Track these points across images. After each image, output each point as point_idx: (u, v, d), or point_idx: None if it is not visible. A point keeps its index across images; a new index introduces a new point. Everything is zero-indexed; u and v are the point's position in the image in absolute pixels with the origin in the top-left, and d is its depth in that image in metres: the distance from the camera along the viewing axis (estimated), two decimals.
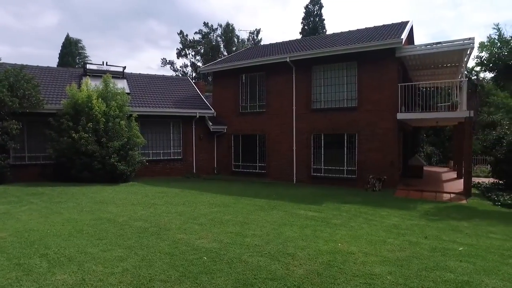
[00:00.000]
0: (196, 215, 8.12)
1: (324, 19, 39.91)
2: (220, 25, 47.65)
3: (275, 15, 73.48)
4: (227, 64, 18.00)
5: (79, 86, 14.51)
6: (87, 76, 14.89)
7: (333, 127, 14.97)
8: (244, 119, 17.63)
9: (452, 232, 7.15)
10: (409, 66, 16.65)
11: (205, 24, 47.98)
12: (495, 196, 11.53)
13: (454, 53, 13.68)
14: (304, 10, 40.40)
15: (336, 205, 9.95)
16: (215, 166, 18.65)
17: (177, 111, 17.15)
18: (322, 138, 15.40)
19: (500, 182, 13.86)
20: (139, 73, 20.17)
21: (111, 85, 14.53)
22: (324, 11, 61.98)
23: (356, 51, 13.90)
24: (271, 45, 20.92)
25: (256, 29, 47.32)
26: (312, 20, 39.93)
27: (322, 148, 15.41)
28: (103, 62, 18.54)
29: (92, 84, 14.37)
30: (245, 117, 17.63)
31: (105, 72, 16.30)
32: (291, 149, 16.07)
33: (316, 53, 14.82)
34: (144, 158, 15.21)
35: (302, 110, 15.78)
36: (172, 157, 17.63)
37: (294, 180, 15.96)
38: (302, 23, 40.61)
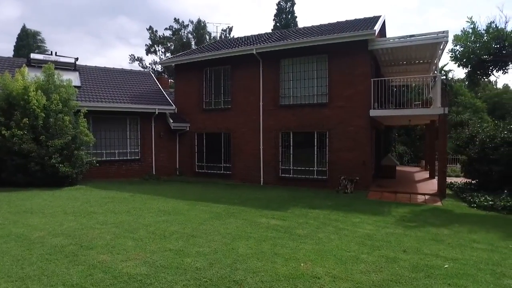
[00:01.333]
0: (136, 227, 6.76)
1: (296, 17, 39.11)
2: (192, 22, 45.97)
3: (248, 13, 72.41)
4: (190, 56, 16.62)
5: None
6: (25, 65, 13.05)
7: (303, 124, 13.95)
8: (208, 116, 16.31)
9: (433, 242, 6.19)
10: (382, 62, 15.93)
11: (176, 21, 46.12)
12: (470, 197, 10.86)
13: (428, 47, 13.00)
14: (276, 7, 39.50)
15: (304, 210, 8.85)
16: (177, 167, 17.21)
17: (134, 106, 15.59)
18: (291, 137, 14.35)
19: (473, 182, 13.32)
20: (95, 66, 18.39)
21: (55, 76, 12.80)
22: (296, 8, 61.41)
23: (327, 42, 12.93)
24: (238, 38, 19.73)
25: (228, 26, 45.82)
26: (284, 17, 39.04)
27: (291, 147, 14.35)
28: (51, 52, 16.66)
29: (31, 75, 12.58)
30: (209, 114, 16.30)
31: (53, 63, 14.47)
32: (258, 148, 14.92)
33: (285, 45, 13.74)
34: (94, 158, 13.56)
35: (269, 106, 14.66)
36: (129, 157, 16.03)
37: (261, 182, 14.82)
38: (274, 20, 39.66)
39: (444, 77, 29.72)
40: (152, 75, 19.78)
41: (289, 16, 38.96)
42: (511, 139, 12.06)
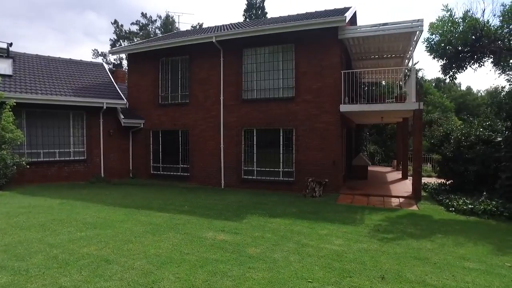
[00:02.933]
0: (36, 249, 5.12)
1: (267, 12, 37.85)
2: (160, 17, 43.83)
3: (219, 9, 70.65)
4: (144, 45, 14.88)
5: None
6: None
7: (267, 121, 12.61)
8: (164, 112, 14.64)
9: (417, 262, 4.97)
10: (353, 55, 14.89)
11: (143, 15, 43.79)
12: (447, 200, 9.89)
13: (402, 37, 12.02)
14: (246, 2, 38.13)
15: (263, 220, 7.48)
16: (131, 168, 15.42)
17: (78, 100, 13.66)
18: (255, 134, 12.98)
19: (447, 182, 12.50)
20: (36, 54, 16.23)
21: None
22: (267, 3, 60.37)
23: (294, 30, 11.64)
24: (200, 28, 18.13)
25: (198, 23, 43.93)
26: (254, 12, 37.71)
27: (255, 146, 12.98)
28: None
29: None
30: (165, 109, 14.64)
31: None
32: (218, 147, 13.44)
33: (247, 32, 12.34)
34: (24, 159, 11.59)
35: (231, 100, 13.22)
36: (72, 158, 14.08)
37: (222, 185, 13.35)
38: (244, 15, 38.27)
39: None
40: (105, 66, 17.82)
41: (259, 12, 37.70)
42: (487, 137, 11.30)
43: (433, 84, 42.29)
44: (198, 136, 13.91)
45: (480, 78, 78.02)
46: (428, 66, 69.22)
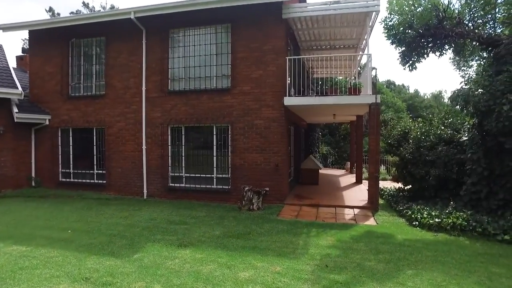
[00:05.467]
0: None
1: None
2: (104, 8, 39.85)
3: None
4: (48, 20, 11.91)
5: None
6: None
7: (198, 116, 10.36)
8: (75, 106, 11.83)
9: None
10: (302, 43, 13.08)
11: (85, 5, 39.59)
12: (408, 211, 8.27)
13: (356, 20, 10.32)
14: None
15: (166, 252, 5.23)
16: (33, 175, 12.39)
17: None
18: (183, 133, 10.67)
19: (406, 187, 11.03)
20: None
21: None
22: None
23: (230, 4, 9.43)
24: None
25: None
26: None
27: (183, 147, 10.67)
28: None
29: None
30: (77, 102, 11.83)
31: None
32: (140, 149, 10.95)
33: (174, 7, 9.91)
34: None
35: (155, 92, 10.80)
36: None
37: (145, 194, 10.87)
38: None
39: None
40: (3, 48, 14.50)
41: None
42: (449, 136, 9.91)
43: (384, 86, 42.50)
44: (116, 136, 11.31)
45: (426, 81, 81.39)
46: (380, 67, 70.76)
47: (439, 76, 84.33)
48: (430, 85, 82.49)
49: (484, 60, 11.69)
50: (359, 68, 15.26)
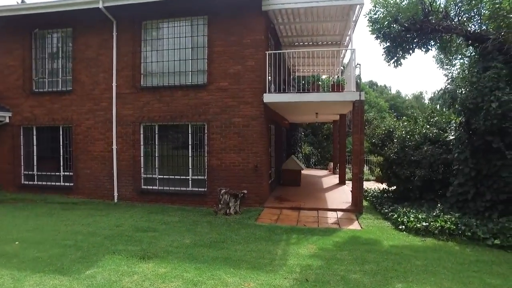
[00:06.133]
0: None
1: None
2: None
3: None
4: (6, 7, 10.96)
5: None
6: None
7: (173, 114, 9.70)
8: (40, 102, 10.94)
9: None
10: (283, 39, 12.58)
11: None
12: (394, 215, 7.86)
13: (339, 13, 9.88)
14: None
15: (125, 266, 4.60)
16: None
17: None
18: (156, 132, 9.98)
19: (390, 189, 10.66)
20: None
21: None
22: None
23: None
24: None
25: None
26: None
27: (157, 146, 9.98)
28: None
29: None
30: (41, 98, 10.94)
31: None
32: (110, 149, 10.20)
33: None
34: None
35: (126, 88, 10.08)
36: None
37: (115, 198, 10.12)
38: None
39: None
40: None
41: None
42: (435, 135, 9.58)
43: (367, 86, 42.62)
44: (84, 135, 10.51)
45: (407, 82, 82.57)
46: (363, 68, 71.26)
47: (420, 77, 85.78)
48: (411, 86, 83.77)
49: (467, 59, 11.47)
50: (342, 67, 14.86)
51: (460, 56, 12.23)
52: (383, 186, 11.12)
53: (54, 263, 4.67)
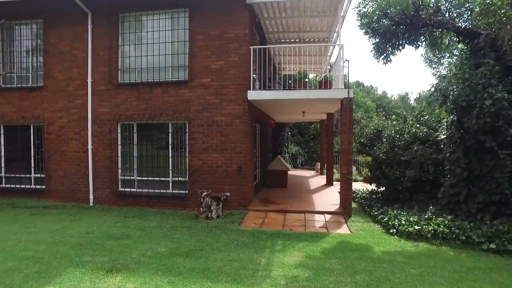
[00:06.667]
0: None
1: None
2: None
3: None
4: None
5: None
6: None
7: (152, 112, 9.15)
8: (8, 99, 10.20)
9: None
10: (269, 35, 12.15)
11: None
12: (384, 217, 7.51)
13: (327, 7, 9.49)
14: None
15: (86, 282, 4.08)
16: None
17: None
18: (135, 131, 9.41)
19: (379, 189, 10.37)
20: None
21: None
22: None
23: None
24: None
25: None
26: None
27: (135, 146, 9.41)
28: None
29: None
30: (9, 94, 10.19)
31: None
32: (85, 149, 9.58)
33: None
34: None
35: (103, 84, 9.48)
36: None
37: (91, 201, 9.51)
38: None
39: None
40: None
41: None
42: (425, 134, 9.30)
43: (354, 86, 42.59)
44: (57, 134, 9.85)
45: (393, 83, 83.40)
46: (350, 67, 71.48)
47: (406, 78, 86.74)
48: (397, 87, 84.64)
49: (456, 57, 11.28)
50: (329, 66, 14.54)
51: (448, 55, 12.03)
52: (372, 187, 10.80)
53: (2, 281, 4.10)
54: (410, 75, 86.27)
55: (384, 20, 8.37)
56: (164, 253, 5.14)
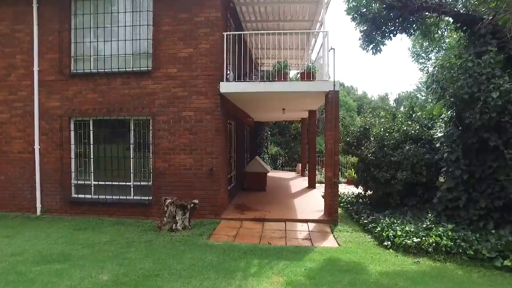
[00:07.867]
0: None
1: None
2: None
3: None
4: None
5: None
6: None
7: (110, 106, 7.90)
8: None
9: None
10: (246, 24, 11.08)
11: None
12: (376, 226, 6.57)
13: None
14: None
15: None
16: None
17: None
18: (91, 128, 8.13)
19: (366, 193, 9.46)
20: None
21: None
22: None
23: None
24: None
25: None
26: None
27: (91, 146, 8.13)
28: None
29: None
30: None
31: None
32: (31, 149, 8.22)
33: None
34: None
35: (52, 74, 8.14)
36: None
37: (38, 210, 8.17)
38: None
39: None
40: None
41: None
42: (417, 132, 8.45)
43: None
44: None
45: (373, 83, 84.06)
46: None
47: (386, 79, 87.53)
48: (376, 88, 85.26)
49: (446, 48, 10.54)
50: (312, 60, 13.60)
51: (437, 49, 11.30)
52: (359, 190, 9.89)
53: None
54: (390, 76, 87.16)
55: (374, 3, 7.44)
56: (105, 283, 3.97)
